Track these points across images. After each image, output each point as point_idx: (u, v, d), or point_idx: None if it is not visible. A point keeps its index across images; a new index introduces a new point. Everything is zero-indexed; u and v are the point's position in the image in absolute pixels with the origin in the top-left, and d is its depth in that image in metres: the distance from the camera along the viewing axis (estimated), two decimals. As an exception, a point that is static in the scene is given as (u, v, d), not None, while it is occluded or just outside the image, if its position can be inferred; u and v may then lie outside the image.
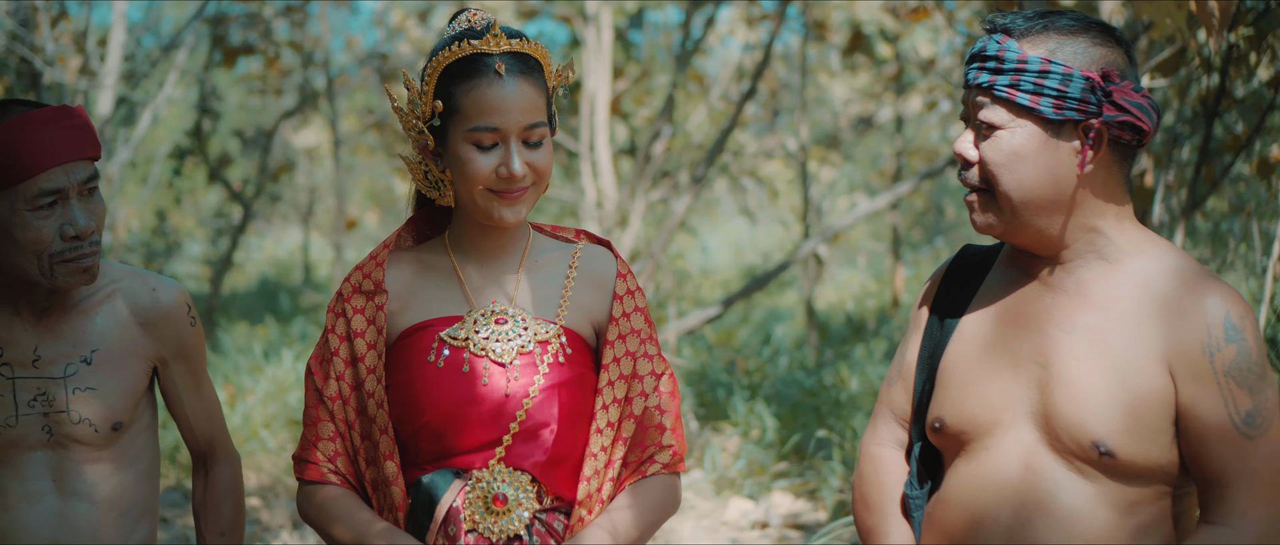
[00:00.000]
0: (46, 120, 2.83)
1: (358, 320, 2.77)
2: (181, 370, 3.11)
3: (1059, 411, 2.45)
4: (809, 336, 12.38)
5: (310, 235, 24.15)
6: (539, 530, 2.70)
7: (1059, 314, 2.51)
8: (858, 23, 12.79)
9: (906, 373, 2.74)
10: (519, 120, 2.65)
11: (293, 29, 16.91)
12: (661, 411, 2.78)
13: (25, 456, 2.95)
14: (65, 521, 2.95)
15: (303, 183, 23.50)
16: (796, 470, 8.17)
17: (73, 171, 2.84)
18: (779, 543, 7.05)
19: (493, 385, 2.69)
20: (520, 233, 2.84)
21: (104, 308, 3.01)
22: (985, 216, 2.51)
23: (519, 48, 2.69)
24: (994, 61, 2.47)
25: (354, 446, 2.75)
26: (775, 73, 15.98)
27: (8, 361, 2.94)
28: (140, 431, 3.07)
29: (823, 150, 16.94)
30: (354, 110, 19.87)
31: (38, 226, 2.82)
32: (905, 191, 9.72)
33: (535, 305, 2.78)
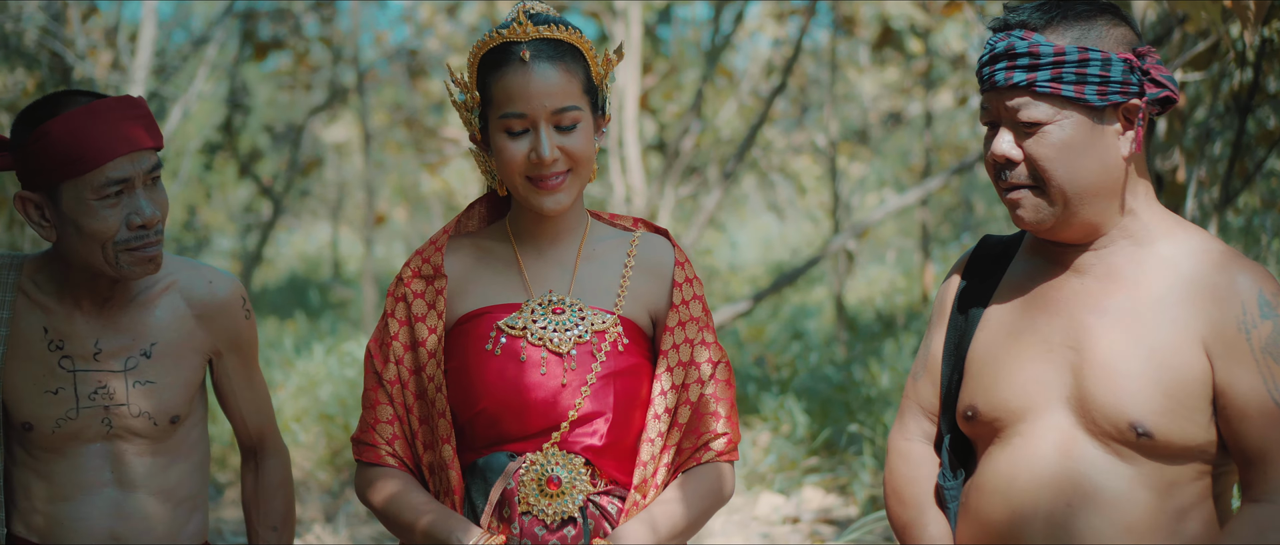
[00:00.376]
0: (112, 110, 2.84)
1: (418, 304, 2.79)
2: (235, 363, 3.13)
3: (1095, 394, 2.45)
4: (838, 332, 12.36)
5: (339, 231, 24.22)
6: (592, 513, 2.71)
7: (1090, 298, 2.51)
8: (887, 17, 12.76)
9: (932, 365, 2.75)
10: (546, 105, 2.67)
11: (322, 24, 16.96)
12: (717, 399, 2.80)
13: (84, 449, 2.97)
14: (123, 512, 2.98)
15: (331, 178, 23.57)
16: (827, 465, 8.17)
17: (138, 161, 2.85)
18: (810, 537, 7.05)
19: (549, 374, 2.71)
20: (578, 220, 2.84)
21: (162, 300, 3.03)
22: (1035, 213, 2.49)
23: (548, 33, 2.70)
24: (1027, 57, 2.45)
25: (412, 430, 2.78)
26: (804, 68, 15.95)
27: (69, 355, 2.95)
28: (195, 424, 3.09)
29: (852, 146, 16.92)
30: (382, 106, 19.90)
31: (105, 215, 2.83)
32: (935, 187, 9.69)
33: (593, 294, 2.79)
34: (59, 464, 2.97)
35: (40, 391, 2.94)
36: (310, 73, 18.18)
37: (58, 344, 2.96)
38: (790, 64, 10.55)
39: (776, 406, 8.90)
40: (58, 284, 2.97)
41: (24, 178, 2.87)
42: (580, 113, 2.70)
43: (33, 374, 2.95)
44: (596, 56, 2.78)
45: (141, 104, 2.89)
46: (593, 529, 2.71)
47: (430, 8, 16.37)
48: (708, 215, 10.69)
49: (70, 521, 2.96)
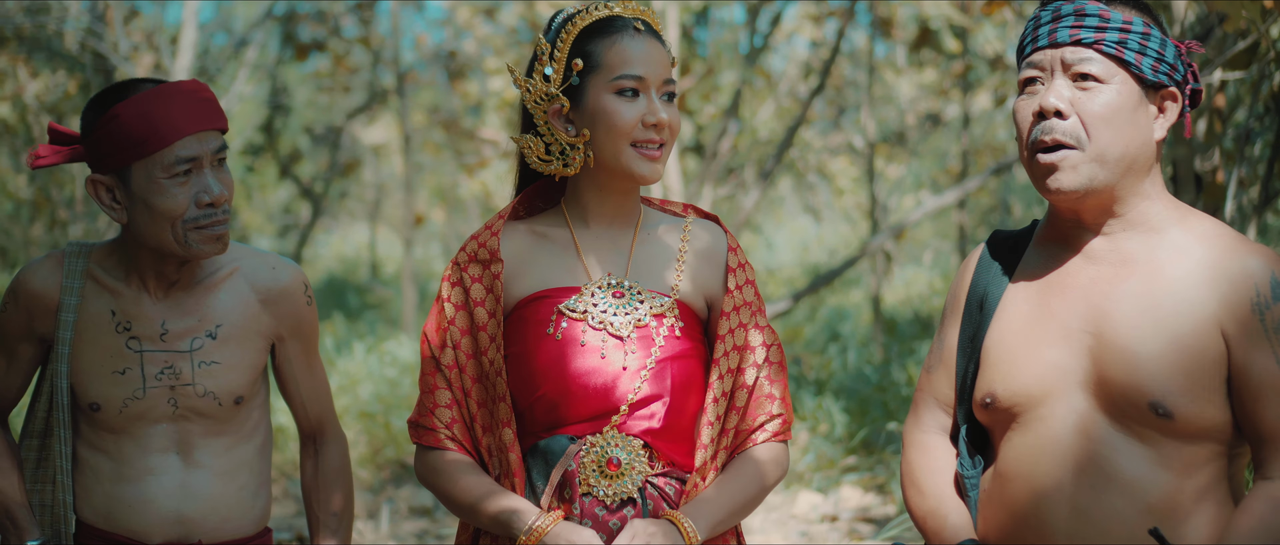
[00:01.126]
0: (180, 92, 2.92)
1: (476, 289, 2.83)
2: (296, 349, 3.18)
3: (1113, 376, 2.50)
4: (876, 333, 12.38)
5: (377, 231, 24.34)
6: (651, 494, 2.75)
7: (1104, 283, 2.56)
8: (926, 18, 12.78)
9: (947, 358, 2.78)
10: (659, 73, 2.76)
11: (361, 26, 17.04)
12: (771, 381, 2.84)
13: (151, 429, 3.03)
14: (189, 492, 3.04)
15: (369, 179, 23.69)
16: (865, 464, 8.20)
17: (206, 141, 2.92)
18: (848, 535, 7.09)
19: (609, 358, 2.75)
20: (633, 204, 2.89)
21: (227, 284, 3.09)
22: (1074, 176, 2.52)
23: (648, 15, 2.81)
24: (1097, 19, 2.53)
25: (470, 413, 2.82)
26: (841, 70, 15.98)
27: (136, 335, 3.02)
28: (258, 407, 3.15)
29: (889, 148, 16.93)
30: (420, 108, 20.01)
31: (174, 194, 2.90)
32: (973, 188, 9.72)
33: (650, 278, 2.84)
34: (126, 445, 3.03)
35: (108, 372, 3.01)
36: (349, 74, 18.29)
37: (125, 325, 3.02)
38: (828, 66, 10.59)
39: (815, 406, 8.94)
40: (126, 268, 3.04)
41: (94, 162, 2.96)
42: (676, 87, 2.81)
43: (100, 355, 3.02)
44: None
45: (206, 88, 2.97)
46: (651, 509, 2.75)
47: (469, 9, 16.45)
48: (745, 216, 10.73)
49: (135, 502, 3.03)
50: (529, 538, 2.68)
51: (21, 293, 3.06)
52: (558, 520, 2.69)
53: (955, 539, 2.64)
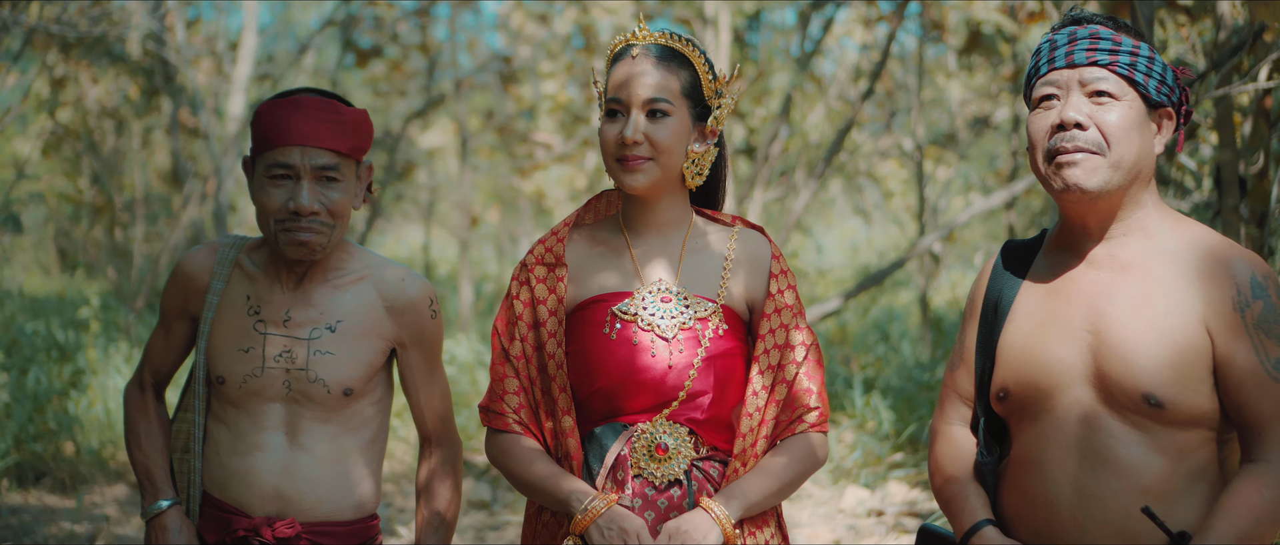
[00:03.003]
0: (300, 105, 3.25)
1: (541, 289, 3.13)
2: (417, 357, 3.42)
3: (1111, 371, 2.76)
4: (923, 333, 12.50)
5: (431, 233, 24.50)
6: (696, 476, 3.05)
7: (1104, 287, 2.83)
8: (976, 23, 12.87)
9: (967, 357, 3.06)
10: (639, 94, 3.04)
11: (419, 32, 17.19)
12: (809, 377, 3.12)
13: (265, 407, 3.32)
14: (290, 471, 3.31)
15: (423, 182, 23.87)
16: (912, 460, 8.34)
17: (310, 155, 3.21)
18: (894, 530, 7.22)
19: (658, 357, 3.04)
20: (682, 215, 3.17)
21: (356, 287, 3.36)
22: (1093, 176, 2.79)
23: (660, 39, 3.10)
24: (1111, 44, 2.82)
25: (535, 400, 3.11)
26: (891, 73, 16.06)
27: (263, 319, 3.33)
28: (371, 403, 3.39)
29: (938, 150, 17.00)
30: (475, 112, 20.19)
31: (270, 193, 3.23)
32: (1021, 190, 9.82)
33: (697, 283, 3.12)
34: (242, 420, 3.33)
35: (235, 349, 3.32)
36: (405, 79, 18.48)
37: (256, 309, 3.34)
38: (879, 68, 10.71)
39: (863, 404, 9.08)
40: (266, 260, 3.38)
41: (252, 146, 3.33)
42: (671, 107, 3.06)
43: (231, 333, 3.34)
44: (709, 71, 3.13)
45: (339, 109, 3.27)
46: (696, 489, 3.04)
47: (522, 15, 16.63)
48: (796, 219, 10.88)
49: (243, 474, 3.31)
50: (584, 517, 2.97)
51: (179, 275, 3.44)
52: (611, 504, 2.98)
53: (973, 520, 2.92)
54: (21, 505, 7.61)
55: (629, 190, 3.07)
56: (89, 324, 10.66)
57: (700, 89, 3.11)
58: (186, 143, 17.33)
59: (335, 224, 3.24)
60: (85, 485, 8.00)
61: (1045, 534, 2.83)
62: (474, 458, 9.37)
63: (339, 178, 3.23)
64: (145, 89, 17.30)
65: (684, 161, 3.08)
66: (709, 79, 3.12)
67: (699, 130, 3.11)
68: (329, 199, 3.23)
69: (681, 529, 2.94)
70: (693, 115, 3.10)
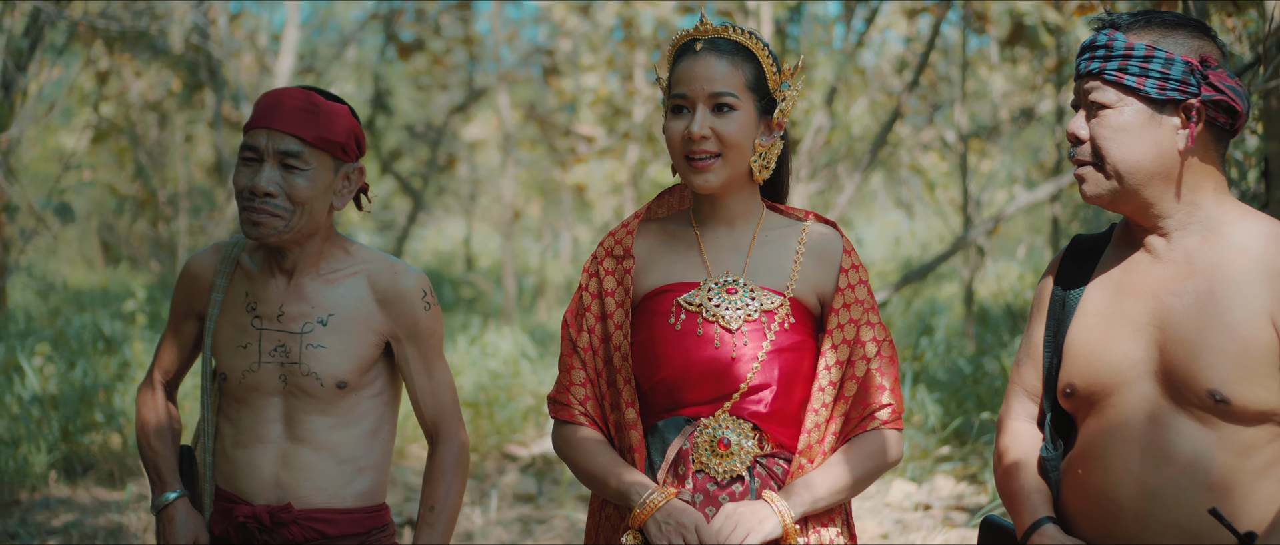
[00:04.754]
0: (279, 94, 3.31)
1: (609, 281, 3.13)
2: (413, 351, 3.42)
3: (1177, 366, 2.72)
4: (967, 326, 12.44)
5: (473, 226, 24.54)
6: (760, 472, 3.02)
7: (1170, 282, 2.79)
8: (1020, 14, 12.80)
9: (1034, 352, 3.03)
10: (704, 88, 3.01)
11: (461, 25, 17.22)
12: (882, 373, 3.06)
13: (264, 401, 3.37)
14: (288, 462, 3.36)
15: (464, 175, 23.93)
16: (958, 454, 8.30)
17: (275, 138, 3.25)
18: (943, 524, 7.18)
19: (722, 348, 3.00)
20: (753, 208, 3.14)
21: (349, 282, 3.39)
22: (1095, 187, 2.81)
23: (722, 32, 3.07)
24: (1104, 50, 2.79)
25: (601, 392, 3.11)
26: (933, 65, 16.01)
27: (259, 315, 3.38)
28: (370, 396, 3.42)
29: (981, 142, 16.92)
30: (516, 104, 20.23)
31: (239, 172, 3.29)
32: (1067, 183, 9.76)
33: (765, 276, 3.08)
34: (244, 414, 3.39)
35: (235, 345, 3.38)
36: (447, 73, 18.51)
37: (252, 305, 3.39)
38: (924, 59, 10.66)
39: (909, 397, 9.03)
40: (263, 258, 3.43)
41: None
42: (737, 101, 3.02)
43: (232, 330, 3.40)
44: (773, 63, 3.10)
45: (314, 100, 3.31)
46: (759, 486, 3.01)
47: (564, 8, 16.63)
48: (839, 212, 10.83)
49: (246, 467, 3.38)
50: (642, 511, 2.96)
51: (185, 275, 3.50)
52: (670, 497, 2.96)
53: (1034, 517, 2.89)
54: (70, 498, 7.65)
55: (699, 190, 3.05)
56: (135, 317, 10.71)
57: (765, 82, 3.08)
58: (229, 136, 17.41)
59: (295, 210, 3.26)
60: (133, 478, 8.03)
61: (1108, 532, 2.80)
62: (517, 450, 9.38)
63: (303, 166, 3.25)
64: (188, 83, 17.41)
65: (752, 156, 3.05)
66: (773, 71, 3.09)
67: (765, 123, 3.08)
68: (291, 185, 3.25)
69: (738, 513, 2.92)
70: (758, 108, 3.06)
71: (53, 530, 6.95)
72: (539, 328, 14.68)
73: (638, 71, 17.63)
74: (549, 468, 8.98)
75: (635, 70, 17.63)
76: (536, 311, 18.14)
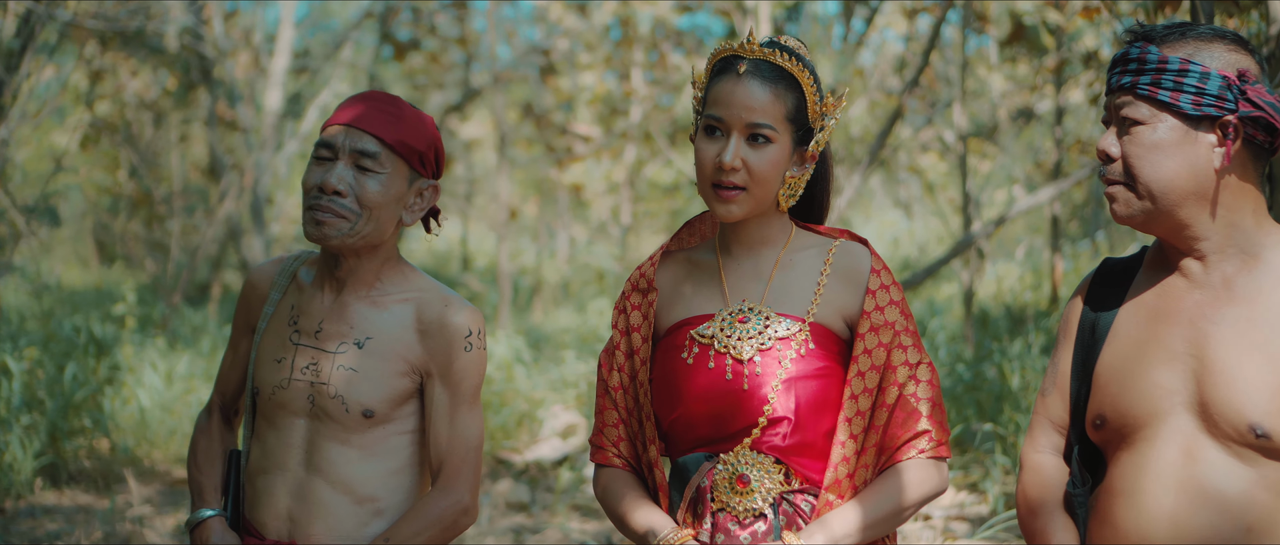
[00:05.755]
0: (362, 97, 3.17)
1: (635, 316, 3.00)
2: (441, 391, 3.14)
3: (1215, 399, 2.56)
4: (966, 330, 12.34)
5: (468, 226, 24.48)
6: (785, 510, 2.85)
7: (1208, 308, 2.63)
8: (1019, 14, 12.71)
9: (1061, 382, 2.87)
10: (742, 116, 2.83)
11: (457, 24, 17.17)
12: (918, 399, 2.87)
13: (290, 422, 3.16)
14: (302, 494, 3.13)
15: (461, 175, 23.87)
16: (959, 463, 8.21)
17: (352, 136, 3.08)
18: (943, 535, 7.09)
19: (734, 381, 2.85)
20: (779, 231, 2.98)
21: (396, 308, 3.16)
22: (1126, 207, 2.65)
23: (769, 56, 2.88)
24: (1136, 63, 2.64)
25: (633, 431, 2.99)
26: (931, 65, 15.93)
27: (299, 329, 3.18)
28: (398, 432, 3.17)
29: (980, 142, 16.84)
30: (513, 104, 20.15)
31: (310, 171, 3.12)
32: (1069, 186, 9.67)
33: (785, 302, 2.91)
34: (270, 436, 3.18)
35: (272, 358, 3.19)
36: (443, 71, 18.44)
37: (294, 319, 3.20)
38: (925, 59, 10.57)
39: (908, 404, 8.91)
40: (320, 269, 3.24)
41: None
42: (774, 134, 2.85)
43: (272, 342, 3.21)
44: (816, 93, 2.93)
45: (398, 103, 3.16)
46: (784, 524, 2.84)
47: (561, 7, 16.55)
48: (839, 214, 10.73)
49: (263, 494, 3.17)
50: None
51: (246, 287, 3.34)
52: (687, 539, 2.83)
53: None
54: (55, 505, 7.55)
55: (721, 219, 2.91)
56: (124, 320, 10.62)
57: (805, 111, 2.91)
58: (224, 135, 17.33)
59: (363, 214, 3.07)
60: (120, 485, 7.93)
61: None
62: (511, 457, 9.28)
63: (378, 169, 3.07)
64: (183, 82, 17.32)
65: (780, 188, 2.90)
66: (815, 100, 2.92)
67: (799, 155, 2.91)
68: (362, 187, 3.07)
69: None
70: (794, 139, 2.90)
71: (37, 540, 6.85)
72: (534, 329, 14.59)
73: (635, 71, 17.58)
74: (543, 475, 8.89)
75: (633, 69, 17.57)
76: (532, 312, 18.07)
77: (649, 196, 20.70)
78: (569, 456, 9.25)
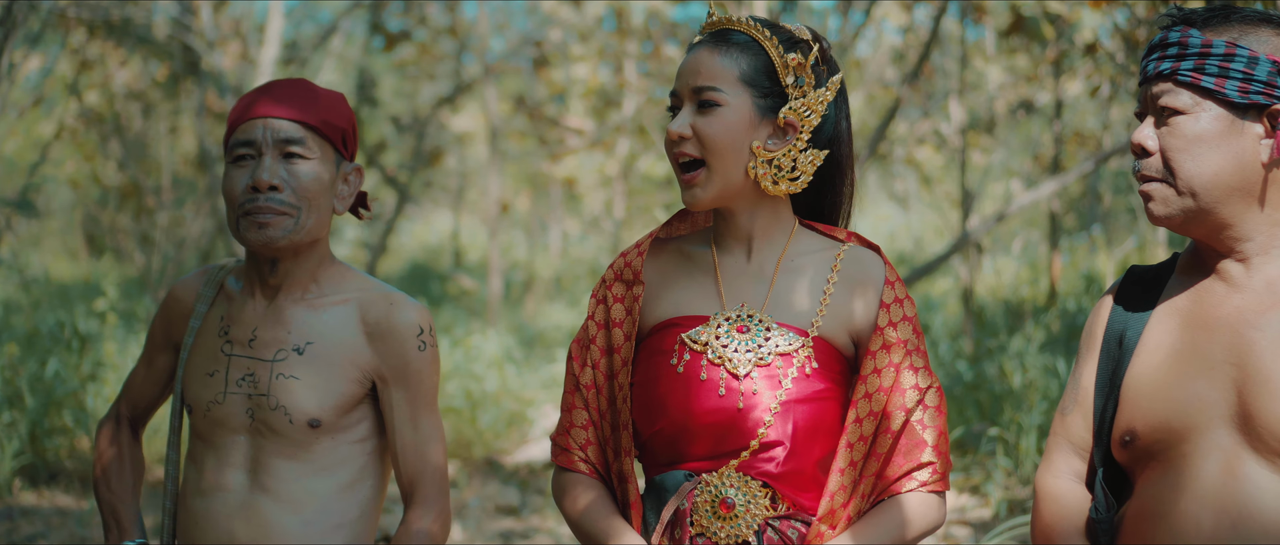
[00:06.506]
0: (268, 87, 2.91)
1: (617, 309, 2.70)
2: (399, 396, 2.96)
3: (1260, 410, 2.35)
4: (965, 326, 12.18)
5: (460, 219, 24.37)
6: (771, 538, 2.58)
7: (1250, 313, 2.42)
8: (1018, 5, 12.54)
9: (1084, 398, 2.64)
10: (688, 82, 2.60)
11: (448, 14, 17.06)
12: (924, 426, 2.61)
13: (229, 440, 2.92)
14: (249, 516, 2.90)
15: (453, 167, 23.76)
16: (960, 465, 8.06)
17: (273, 127, 2.86)
18: (944, 538, 6.95)
19: (728, 397, 2.58)
20: (781, 227, 2.69)
21: (336, 309, 2.96)
22: (1165, 206, 2.44)
23: (724, 23, 2.64)
24: (1176, 47, 2.43)
25: (604, 436, 2.70)
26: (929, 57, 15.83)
27: (231, 339, 2.95)
28: (350, 442, 2.96)
29: (977, 135, 16.71)
30: (505, 96, 20.03)
31: (233, 176, 2.87)
32: (1071, 179, 9.50)
33: (789, 310, 2.64)
34: (208, 456, 2.94)
35: (202, 373, 2.96)
36: (434, 63, 18.31)
37: (225, 329, 2.97)
38: (926, 52, 10.42)
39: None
40: (246, 276, 3.01)
41: None
42: (722, 96, 2.58)
43: (202, 356, 2.97)
44: (781, 52, 2.63)
45: (310, 85, 2.93)
46: None
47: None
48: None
49: (201, 517, 2.93)
50: None
51: (167, 300, 3.10)
52: None
53: None
54: (34, 507, 7.38)
55: (689, 206, 2.65)
56: (107, 316, 10.43)
57: (774, 74, 2.62)
58: (213, 127, 17.16)
59: (303, 206, 2.86)
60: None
61: None
62: (501, 459, 9.12)
63: (307, 155, 2.86)
64: (173, 72, 17.19)
65: (749, 161, 2.61)
66: (781, 59, 2.62)
67: (770, 124, 2.62)
68: (296, 177, 2.86)
69: None
70: (759, 105, 2.60)
71: (16, 543, 6.67)
72: (525, 326, 14.46)
73: (629, 63, 17.45)
74: (532, 477, 8.73)
75: (626, 62, 17.44)
76: (525, 307, 17.95)
77: (642, 190, 20.58)
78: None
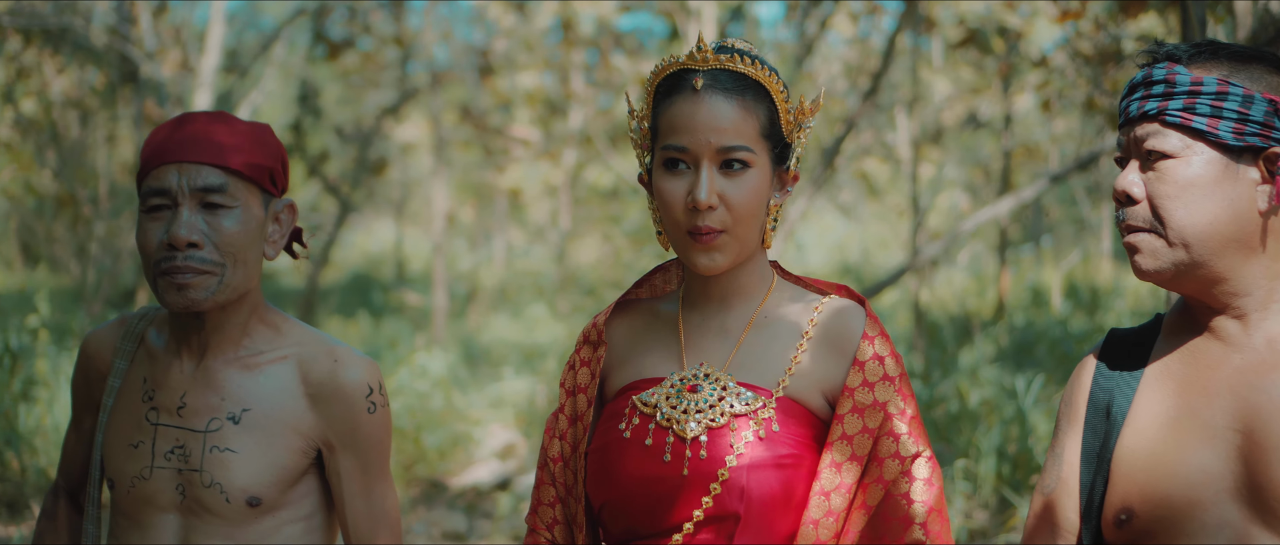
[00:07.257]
0: (182, 121, 2.57)
1: (583, 373, 2.48)
2: (349, 464, 2.67)
3: (1271, 481, 2.15)
4: (916, 340, 12.06)
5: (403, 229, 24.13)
6: None
7: (1252, 375, 2.23)
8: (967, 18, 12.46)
9: (1068, 475, 2.41)
10: (711, 140, 2.30)
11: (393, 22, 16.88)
12: (910, 501, 2.31)
13: (157, 519, 2.62)
14: None
15: (396, 178, 23.54)
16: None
17: (188, 173, 2.53)
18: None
19: (674, 464, 2.32)
20: (757, 283, 2.45)
21: (273, 369, 2.65)
22: (1154, 260, 2.24)
23: (729, 64, 2.35)
24: (1163, 85, 2.23)
25: (571, 512, 2.48)
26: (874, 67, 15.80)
27: (156, 406, 2.64)
28: (292, 520, 2.66)
29: (924, 147, 16.66)
30: (450, 105, 19.84)
31: (146, 229, 2.55)
32: (1029, 197, 9.39)
33: (756, 369, 2.38)
34: (133, 534, 2.64)
35: (125, 444, 2.64)
36: (378, 72, 18.11)
37: (149, 394, 2.65)
38: (885, 65, 10.32)
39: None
40: (170, 332, 2.70)
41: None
42: (752, 156, 2.32)
43: (124, 423, 2.66)
44: (788, 100, 2.41)
45: (230, 120, 2.60)
46: None
47: (500, 6, 16.25)
48: (790, 226, 10.41)
49: None
50: None
51: (81, 356, 2.76)
52: None
53: None
54: (-40, 534, 7.12)
55: (706, 272, 2.36)
56: (37, 332, 10.14)
57: (778, 124, 2.38)
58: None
59: (227, 263, 2.54)
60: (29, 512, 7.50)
61: None
62: (448, 481, 8.91)
63: (230, 203, 2.54)
64: (110, 80, 16.91)
65: (765, 220, 2.40)
66: (788, 109, 2.40)
67: (779, 176, 2.41)
68: (218, 230, 2.53)
69: None
70: (773, 160, 2.38)
71: (-59, 571, 6.44)
72: (470, 341, 14.25)
73: (575, 73, 17.31)
74: (479, 501, 8.53)
75: (572, 72, 17.30)
76: (468, 318, 17.74)
77: (588, 200, 20.44)
78: (509, 479, 8.87)
